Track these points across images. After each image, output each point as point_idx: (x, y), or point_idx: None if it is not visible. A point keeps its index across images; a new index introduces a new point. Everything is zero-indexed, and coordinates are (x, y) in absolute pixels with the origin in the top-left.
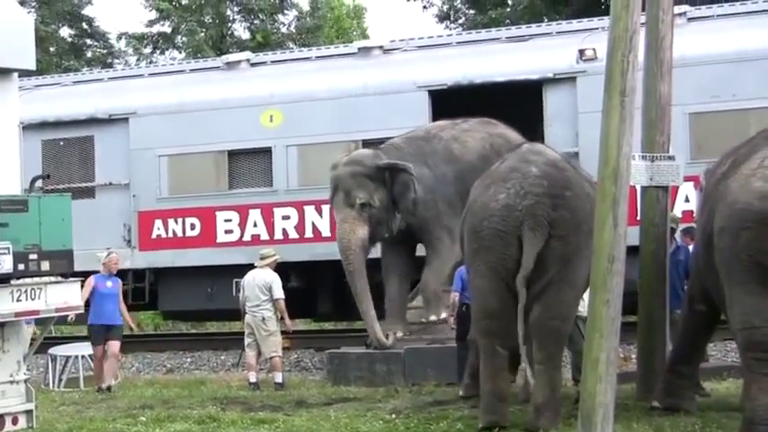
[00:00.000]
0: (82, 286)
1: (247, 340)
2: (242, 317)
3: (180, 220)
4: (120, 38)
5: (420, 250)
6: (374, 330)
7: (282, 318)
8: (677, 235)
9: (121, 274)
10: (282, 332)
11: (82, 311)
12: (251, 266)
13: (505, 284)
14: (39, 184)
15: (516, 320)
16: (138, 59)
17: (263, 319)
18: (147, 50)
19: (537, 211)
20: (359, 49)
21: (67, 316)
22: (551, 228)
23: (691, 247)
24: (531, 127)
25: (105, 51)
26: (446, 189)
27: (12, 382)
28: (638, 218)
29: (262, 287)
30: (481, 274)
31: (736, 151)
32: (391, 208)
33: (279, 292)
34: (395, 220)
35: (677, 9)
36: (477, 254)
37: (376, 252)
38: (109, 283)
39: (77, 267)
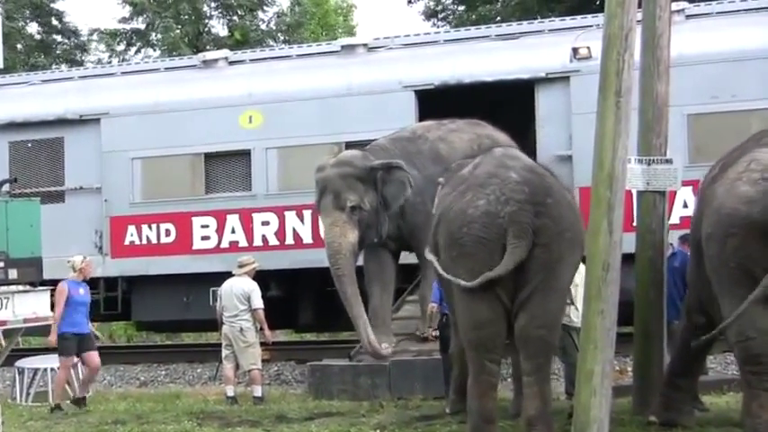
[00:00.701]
0: (52, 295)
1: (225, 352)
2: (219, 327)
3: (154, 226)
4: (91, 34)
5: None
6: (367, 336)
7: (262, 328)
8: (674, 240)
9: (93, 282)
10: (262, 343)
11: (51, 323)
12: (229, 274)
13: (493, 292)
14: (6, 188)
15: (505, 331)
16: (110, 57)
17: (242, 329)
18: (121, 48)
19: (521, 218)
20: (342, 47)
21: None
22: (535, 236)
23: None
24: (523, 129)
25: (76, 49)
26: (435, 191)
27: None
28: (634, 224)
29: (240, 296)
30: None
31: (730, 155)
32: (381, 211)
33: (258, 302)
34: (384, 224)
35: (675, 6)
36: (457, 262)
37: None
38: (81, 290)
39: (47, 275)
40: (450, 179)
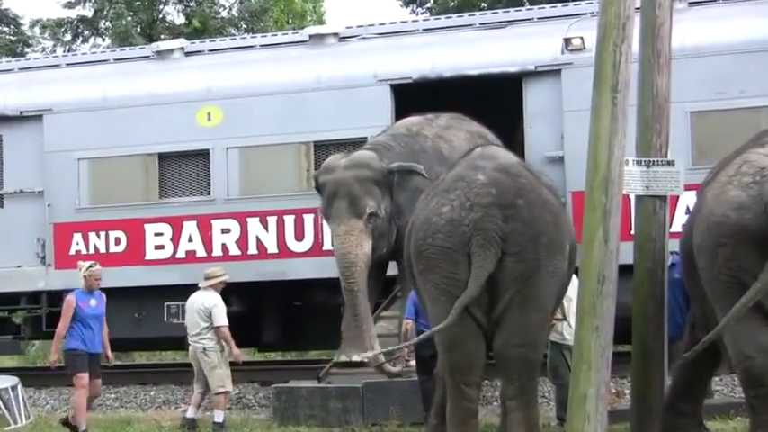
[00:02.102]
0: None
1: (196, 374)
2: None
3: (102, 234)
4: (33, 26)
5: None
6: (376, 356)
7: (228, 346)
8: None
9: (35, 296)
10: (231, 363)
11: None
12: (185, 288)
13: (463, 308)
14: None
15: (483, 351)
16: (55, 47)
17: (204, 349)
18: (67, 37)
19: (486, 224)
20: (310, 36)
21: None
22: (504, 243)
23: None
24: (510, 127)
25: (16, 38)
26: None
27: None
28: (632, 232)
29: (201, 312)
30: (432, 299)
31: (726, 157)
32: (393, 219)
33: (220, 319)
34: (394, 234)
35: None
36: (423, 275)
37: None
38: (93, 302)
39: None
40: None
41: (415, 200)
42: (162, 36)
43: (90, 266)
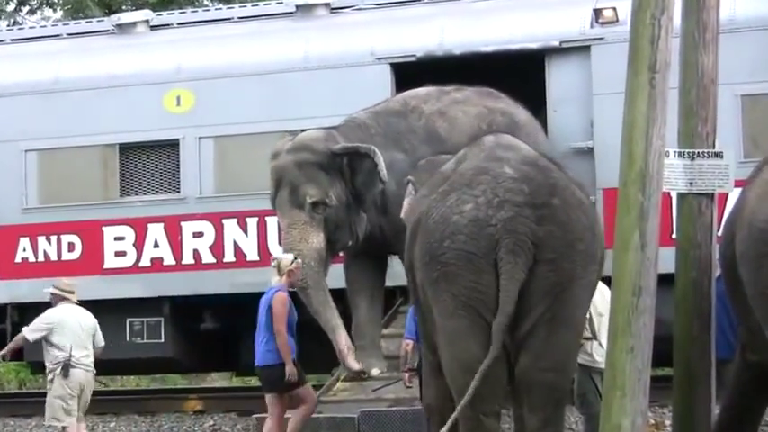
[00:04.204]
0: None
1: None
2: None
3: (54, 239)
4: None
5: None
6: (342, 344)
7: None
8: None
9: None
10: (191, 390)
11: None
12: (150, 301)
13: (485, 323)
14: None
15: (505, 375)
16: None
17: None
18: (10, 7)
19: (517, 226)
20: (297, 7)
21: None
22: (537, 249)
23: None
24: (530, 113)
25: None
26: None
27: None
28: (674, 236)
29: (90, 330)
30: (449, 313)
31: None
32: (354, 206)
33: (101, 339)
34: (360, 222)
35: None
36: (437, 285)
37: None
38: None
39: None
40: (424, 178)
41: (369, 184)
42: (123, 7)
43: (294, 259)
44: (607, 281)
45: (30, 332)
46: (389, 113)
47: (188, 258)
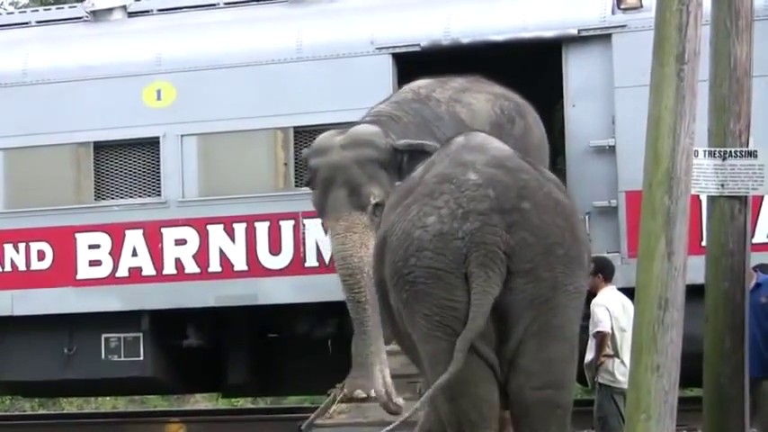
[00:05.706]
0: None
1: None
2: None
3: (22, 247)
4: None
5: None
6: (384, 383)
7: None
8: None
9: None
10: (172, 413)
11: None
12: (128, 315)
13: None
14: None
15: (496, 396)
16: None
17: None
18: None
19: (486, 237)
20: None
21: None
22: (510, 260)
23: None
24: (545, 109)
25: None
26: None
27: None
28: (704, 244)
29: None
30: (425, 336)
31: None
32: None
33: None
34: None
35: None
36: (409, 307)
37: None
38: None
39: None
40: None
41: None
42: None
43: None
44: (630, 293)
45: None
46: (411, 102)
47: (169, 268)
